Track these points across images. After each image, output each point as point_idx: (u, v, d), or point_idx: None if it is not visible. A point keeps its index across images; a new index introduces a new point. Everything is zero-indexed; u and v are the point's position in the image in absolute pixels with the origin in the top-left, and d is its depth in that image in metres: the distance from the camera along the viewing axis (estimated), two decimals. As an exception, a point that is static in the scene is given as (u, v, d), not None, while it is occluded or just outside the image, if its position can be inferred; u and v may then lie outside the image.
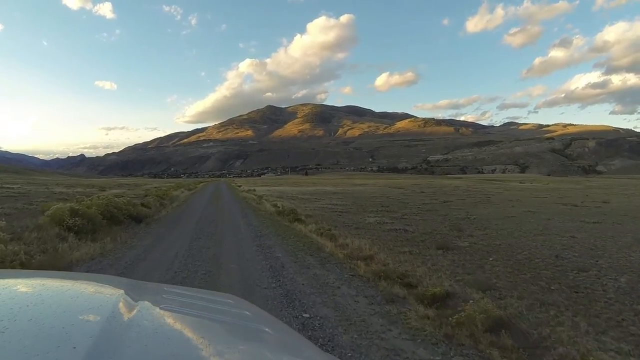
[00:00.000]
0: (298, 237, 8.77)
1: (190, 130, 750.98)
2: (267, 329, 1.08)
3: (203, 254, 6.94)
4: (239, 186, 48.26)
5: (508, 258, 7.82)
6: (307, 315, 3.99)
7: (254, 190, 32.71)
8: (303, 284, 5.08)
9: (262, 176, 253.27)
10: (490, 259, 7.70)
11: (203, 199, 23.58)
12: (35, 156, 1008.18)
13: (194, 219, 12.45)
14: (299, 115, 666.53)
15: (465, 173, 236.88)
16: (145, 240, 8.55)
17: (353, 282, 5.32)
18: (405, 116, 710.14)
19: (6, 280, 1.16)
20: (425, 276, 5.89)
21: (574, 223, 14.15)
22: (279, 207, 14.89)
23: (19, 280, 1.19)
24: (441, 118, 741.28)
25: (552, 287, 5.72)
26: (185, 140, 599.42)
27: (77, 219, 9.00)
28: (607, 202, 24.52)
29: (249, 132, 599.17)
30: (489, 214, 16.52)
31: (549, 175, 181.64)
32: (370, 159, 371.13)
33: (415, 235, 9.99)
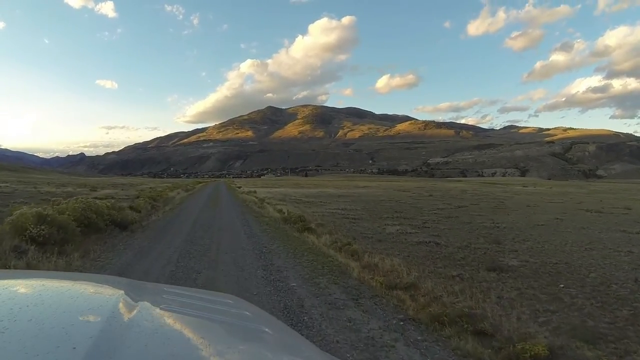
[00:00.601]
0: (313, 254, 7.17)
1: (190, 130, 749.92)
2: (266, 329, 1.08)
3: (191, 282, 5.32)
4: (239, 187, 46.42)
5: (580, 284, 6.22)
6: None
7: (255, 191, 30.96)
8: (338, 342, 3.44)
9: (261, 177, 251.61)
10: (561, 285, 6.09)
11: (200, 202, 21.72)
12: (36, 154, 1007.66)
13: (187, 227, 10.78)
14: (299, 117, 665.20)
15: (466, 176, 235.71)
16: (123, 256, 6.85)
17: (408, 332, 3.68)
18: (406, 118, 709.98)
19: (6, 281, 1.16)
20: (498, 316, 4.28)
21: (615, 233, 12.64)
22: (284, 212, 13.16)
23: (19, 281, 1.20)
24: (442, 121, 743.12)
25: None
26: (186, 140, 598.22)
27: (43, 227, 7.37)
28: (629, 209, 22.99)
29: (249, 133, 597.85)
30: (515, 222, 14.95)
31: (550, 179, 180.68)
32: (370, 161, 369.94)
33: (451, 251, 8.36)
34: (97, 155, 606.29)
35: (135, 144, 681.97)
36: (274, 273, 5.68)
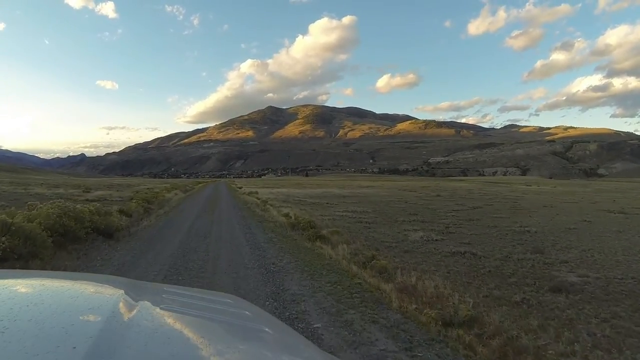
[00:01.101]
0: (333, 272, 5.81)
1: (191, 130, 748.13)
2: (267, 329, 1.08)
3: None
4: (240, 187, 44.95)
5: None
6: None
7: (256, 192, 29.57)
8: None
9: (262, 177, 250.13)
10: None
11: (198, 204, 20.08)
12: (36, 155, 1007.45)
13: (180, 235, 9.33)
14: (299, 116, 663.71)
15: (466, 175, 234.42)
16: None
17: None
18: (406, 118, 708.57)
19: (6, 280, 1.16)
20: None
21: (657, 238, 11.49)
22: (290, 216, 11.83)
23: (19, 280, 1.19)
24: (442, 120, 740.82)
25: None
26: (186, 140, 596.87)
27: (4, 238, 6.08)
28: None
29: (250, 133, 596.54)
30: (543, 225, 13.71)
31: (551, 177, 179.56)
32: (371, 161, 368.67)
33: (494, 264, 7.07)
34: (97, 156, 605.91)
35: (136, 144, 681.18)
36: (289, 306, 4.27)
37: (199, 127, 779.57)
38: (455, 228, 11.94)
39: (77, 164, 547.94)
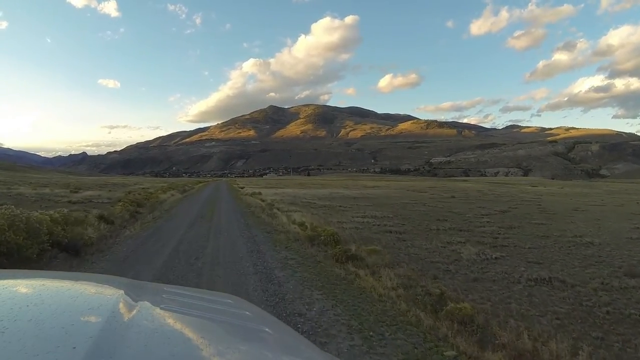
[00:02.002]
0: (400, 330, 3.73)
1: (192, 129, 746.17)
2: (267, 329, 1.08)
3: None
4: (242, 187, 42.73)
5: None
6: None
7: (260, 193, 27.39)
8: None
9: (264, 176, 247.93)
10: None
11: (194, 208, 17.66)
12: (37, 154, 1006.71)
13: (165, 255, 7.06)
14: (301, 116, 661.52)
15: (468, 175, 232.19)
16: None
17: None
18: (408, 118, 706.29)
19: (6, 281, 1.15)
20: None
21: None
22: (304, 225, 9.72)
23: (19, 281, 1.19)
24: (444, 120, 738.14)
25: None
26: (188, 139, 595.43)
27: None
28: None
29: (251, 132, 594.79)
30: (595, 234, 11.78)
31: (553, 178, 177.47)
32: (372, 161, 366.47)
33: (601, 299, 5.13)
34: (99, 155, 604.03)
35: (138, 143, 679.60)
36: None
37: (201, 126, 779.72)
38: (503, 239, 9.94)
39: (79, 162, 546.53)
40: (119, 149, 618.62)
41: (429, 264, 6.72)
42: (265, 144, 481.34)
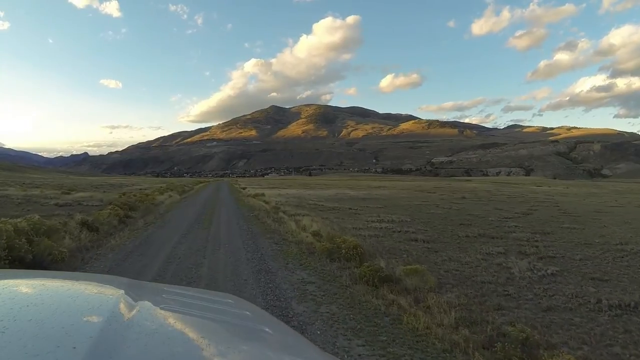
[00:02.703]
0: None
1: (194, 129, 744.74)
2: (267, 329, 1.08)
3: None
4: (243, 188, 41.28)
5: None
6: None
7: (263, 194, 25.94)
8: None
9: (265, 176, 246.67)
10: None
11: (192, 211, 16.10)
12: (39, 154, 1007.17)
13: (149, 277, 5.70)
14: (302, 116, 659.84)
15: (470, 175, 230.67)
16: None
17: None
18: (409, 118, 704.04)
19: (6, 281, 1.15)
20: None
21: None
22: (320, 234, 8.43)
23: (19, 281, 1.19)
24: (445, 120, 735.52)
25: None
26: (189, 139, 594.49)
27: None
28: None
29: (253, 132, 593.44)
30: (638, 240, 10.45)
31: (555, 178, 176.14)
32: (374, 160, 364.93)
33: None
34: (100, 155, 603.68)
35: (139, 143, 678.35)
36: None
37: (202, 127, 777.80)
38: (544, 248, 8.73)
39: (80, 162, 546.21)
40: (120, 149, 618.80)
41: (480, 285, 5.49)
42: (266, 143, 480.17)
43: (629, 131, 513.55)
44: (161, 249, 7.91)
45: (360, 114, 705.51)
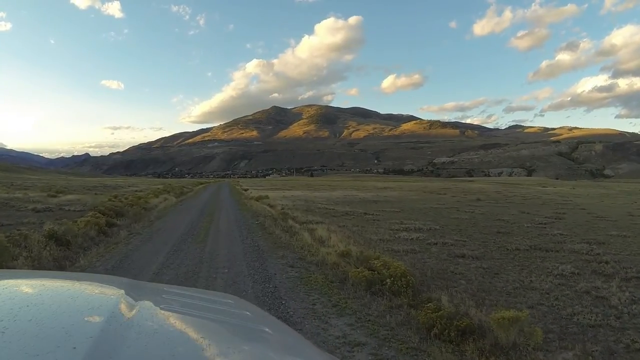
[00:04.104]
0: None
1: (195, 130, 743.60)
2: (267, 329, 1.08)
3: None
4: (245, 190, 39.47)
5: None
6: None
7: (267, 197, 23.94)
8: None
9: (267, 177, 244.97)
10: None
11: (188, 218, 13.98)
12: (40, 155, 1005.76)
13: None
14: (304, 116, 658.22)
15: (472, 175, 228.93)
16: None
17: None
18: (411, 118, 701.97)
19: (6, 281, 1.16)
20: None
21: None
22: (349, 254, 6.45)
23: (19, 281, 1.19)
24: (447, 120, 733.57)
25: None
26: (190, 140, 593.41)
27: None
28: None
29: (254, 133, 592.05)
30: None
31: (557, 178, 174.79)
32: (375, 161, 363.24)
33: None
34: (101, 156, 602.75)
35: (140, 144, 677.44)
36: None
37: (204, 127, 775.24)
38: (616, 264, 7.16)
39: (81, 163, 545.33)
40: (121, 150, 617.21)
41: (589, 331, 3.89)
42: (268, 144, 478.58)
43: (631, 131, 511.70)
44: (138, 277, 5.79)
45: (362, 115, 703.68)
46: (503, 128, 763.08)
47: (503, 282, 5.79)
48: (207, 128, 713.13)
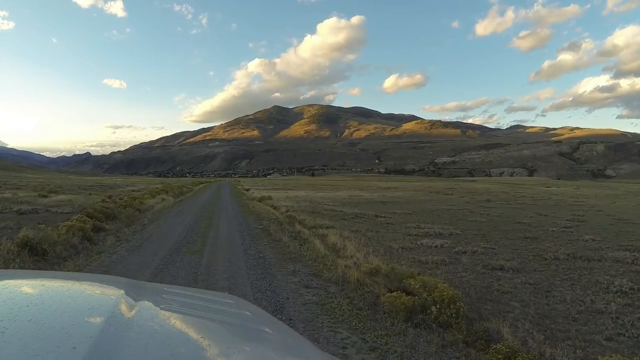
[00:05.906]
0: None
1: (196, 129, 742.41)
2: (267, 329, 1.08)
3: None
4: (247, 190, 38.43)
5: None
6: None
7: (269, 197, 23.07)
8: None
9: (268, 176, 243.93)
10: None
11: (184, 222, 12.95)
12: (42, 154, 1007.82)
13: None
14: (305, 116, 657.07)
15: (473, 175, 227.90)
16: None
17: None
18: (412, 118, 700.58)
19: (6, 281, 1.15)
20: None
21: None
22: (377, 268, 5.17)
23: (19, 281, 1.19)
24: (448, 120, 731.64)
25: None
26: (192, 139, 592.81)
27: None
28: None
29: (255, 132, 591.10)
30: None
31: (559, 178, 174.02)
32: (376, 161, 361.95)
33: None
34: (103, 155, 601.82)
35: (142, 143, 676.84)
36: None
37: (205, 126, 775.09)
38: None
39: (82, 162, 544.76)
40: (123, 149, 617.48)
41: None
42: (269, 144, 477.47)
43: (632, 132, 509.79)
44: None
45: (363, 114, 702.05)
46: (504, 128, 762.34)
47: (561, 303, 4.85)
48: (208, 127, 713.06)
